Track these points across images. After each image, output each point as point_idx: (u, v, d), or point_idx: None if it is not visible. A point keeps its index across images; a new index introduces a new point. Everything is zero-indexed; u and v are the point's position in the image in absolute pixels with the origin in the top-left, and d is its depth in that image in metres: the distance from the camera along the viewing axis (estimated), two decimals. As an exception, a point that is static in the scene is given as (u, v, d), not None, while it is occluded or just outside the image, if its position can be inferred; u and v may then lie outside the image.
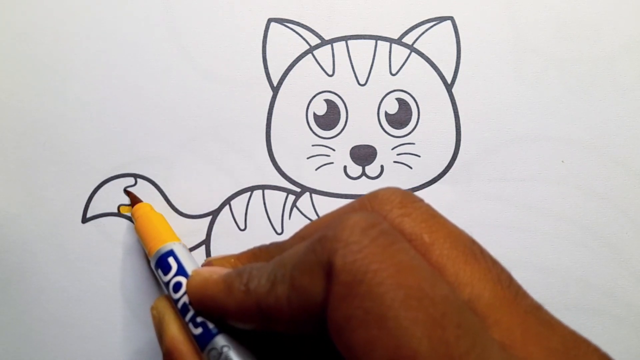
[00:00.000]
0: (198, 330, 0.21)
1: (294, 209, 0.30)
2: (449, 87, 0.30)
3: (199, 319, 0.21)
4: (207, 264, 0.24)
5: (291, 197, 0.30)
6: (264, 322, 0.19)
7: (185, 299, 0.22)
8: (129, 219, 0.30)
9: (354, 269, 0.16)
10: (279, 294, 0.18)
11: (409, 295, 0.15)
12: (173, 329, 0.22)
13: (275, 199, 0.30)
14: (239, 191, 0.30)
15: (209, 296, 0.21)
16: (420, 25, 0.30)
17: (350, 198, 0.30)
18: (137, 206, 0.29)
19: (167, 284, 0.24)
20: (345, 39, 0.30)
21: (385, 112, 0.30)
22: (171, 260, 0.24)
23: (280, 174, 0.30)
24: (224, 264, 0.23)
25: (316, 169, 0.30)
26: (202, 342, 0.21)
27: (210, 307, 0.21)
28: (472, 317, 0.16)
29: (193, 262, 0.24)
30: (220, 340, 0.21)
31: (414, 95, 0.30)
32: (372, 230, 0.17)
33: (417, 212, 0.19)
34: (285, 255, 0.19)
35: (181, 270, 0.24)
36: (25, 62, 0.30)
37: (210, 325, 0.21)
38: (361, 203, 0.20)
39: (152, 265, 0.25)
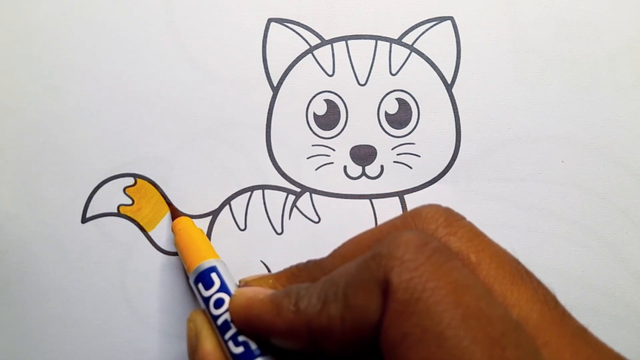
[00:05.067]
0: (239, 349, 0.21)
1: (294, 209, 0.30)
2: (449, 87, 0.30)
3: (240, 338, 0.21)
4: (244, 284, 0.24)
5: (291, 197, 0.30)
6: (313, 342, 0.19)
7: (226, 316, 0.22)
8: (129, 218, 0.30)
9: (411, 286, 0.16)
10: (331, 314, 0.18)
11: (468, 314, 0.15)
12: (209, 344, 0.22)
13: (275, 199, 0.30)
14: (239, 191, 0.30)
15: (254, 316, 0.20)
16: (420, 25, 0.30)
17: (350, 198, 0.30)
18: (177, 220, 0.28)
19: (208, 299, 0.23)
20: (345, 39, 0.30)
21: (385, 112, 0.30)
22: (214, 276, 0.24)
23: (280, 174, 0.30)
24: (261, 284, 0.23)
25: (316, 169, 0.30)
26: None
27: (255, 327, 0.21)
28: (528, 338, 0.16)
29: (233, 280, 0.24)
30: None
31: (414, 95, 0.30)
32: (426, 248, 0.17)
33: (462, 231, 0.19)
34: (335, 274, 0.19)
35: (224, 287, 0.24)
36: (25, 62, 0.30)
37: (253, 346, 0.21)
38: (404, 220, 0.20)
39: (192, 279, 0.25)
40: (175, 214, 0.29)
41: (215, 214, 0.30)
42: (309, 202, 0.30)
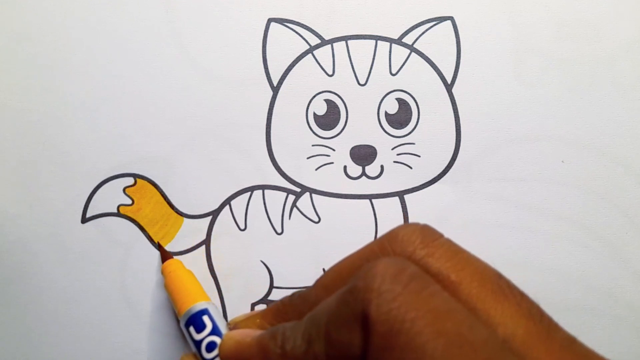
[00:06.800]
0: None
1: (294, 209, 0.30)
2: (449, 87, 0.30)
3: None
4: (233, 326, 0.24)
5: (291, 197, 0.30)
6: None
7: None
8: (129, 219, 0.30)
9: (391, 318, 0.16)
10: (316, 353, 0.18)
11: (450, 343, 0.15)
12: None
13: (275, 199, 0.30)
14: (239, 191, 0.30)
15: None
16: (420, 25, 0.30)
17: (350, 198, 0.30)
18: (167, 262, 0.28)
19: (200, 342, 0.23)
20: (345, 39, 0.30)
21: (385, 112, 0.30)
22: (206, 319, 0.24)
23: (280, 174, 0.30)
24: (249, 325, 0.23)
25: (316, 169, 0.30)
26: None
27: None
28: (513, 358, 0.16)
29: (224, 322, 0.24)
30: None
31: (414, 95, 0.30)
32: (402, 276, 0.16)
33: (440, 251, 0.19)
34: (317, 312, 0.19)
35: (216, 330, 0.24)
36: (25, 62, 0.30)
37: None
38: (380, 245, 0.20)
39: (182, 323, 0.25)
40: (165, 256, 0.29)
41: (215, 214, 0.30)
42: (309, 202, 0.30)
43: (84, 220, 0.30)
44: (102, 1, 0.30)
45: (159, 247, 0.29)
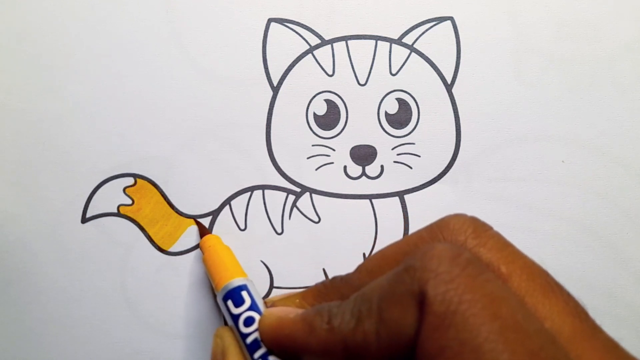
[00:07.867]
0: None
1: (294, 209, 0.30)
2: (449, 87, 0.30)
3: (271, 358, 0.21)
4: (271, 304, 0.24)
5: (291, 197, 0.30)
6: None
7: (256, 335, 0.22)
8: (129, 219, 0.30)
9: (447, 299, 0.16)
10: (366, 330, 0.18)
11: (505, 327, 0.15)
12: None
13: (275, 199, 0.30)
14: (239, 191, 0.30)
15: (286, 335, 0.20)
16: (420, 25, 0.30)
17: (351, 198, 0.30)
18: (205, 237, 0.29)
19: (238, 317, 0.23)
20: (345, 39, 0.30)
21: (385, 112, 0.30)
22: (244, 294, 0.24)
23: (280, 174, 0.30)
24: (288, 303, 0.23)
25: (316, 169, 0.30)
26: None
27: (287, 347, 0.20)
28: (564, 351, 0.16)
29: (262, 300, 0.24)
30: None
31: (414, 95, 0.30)
32: (459, 260, 0.17)
33: (492, 242, 0.19)
34: (367, 290, 0.19)
35: (254, 306, 0.24)
36: (25, 62, 0.30)
37: None
38: (430, 232, 0.20)
39: (220, 297, 0.25)
40: (203, 231, 0.29)
41: (215, 214, 0.30)
42: (309, 202, 0.30)
43: (84, 220, 0.30)
44: (102, 1, 0.30)
45: (196, 222, 0.29)
